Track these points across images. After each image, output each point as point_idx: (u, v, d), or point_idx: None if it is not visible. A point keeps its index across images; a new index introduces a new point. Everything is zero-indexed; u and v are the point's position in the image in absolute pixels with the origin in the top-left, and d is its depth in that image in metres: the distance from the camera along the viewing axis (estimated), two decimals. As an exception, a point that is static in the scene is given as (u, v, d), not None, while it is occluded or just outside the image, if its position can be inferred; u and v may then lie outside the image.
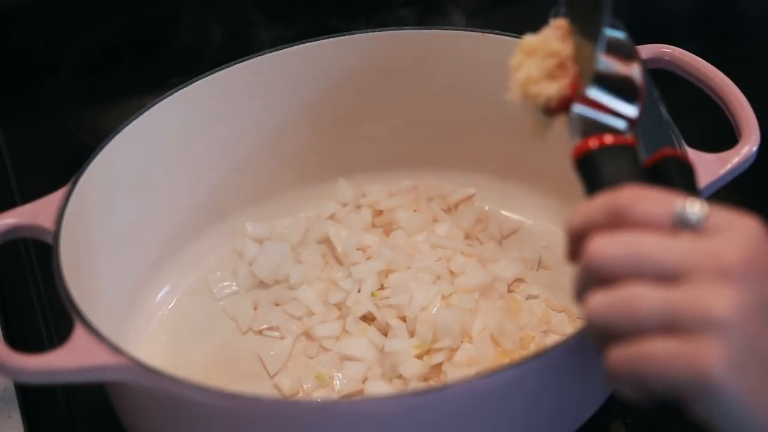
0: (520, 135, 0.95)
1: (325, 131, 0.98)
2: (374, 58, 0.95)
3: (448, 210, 0.97)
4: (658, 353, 0.57)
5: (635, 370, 0.58)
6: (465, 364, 0.84)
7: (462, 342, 0.86)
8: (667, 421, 0.70)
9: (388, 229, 0.95)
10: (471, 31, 0.94)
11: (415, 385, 0.83)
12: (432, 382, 0.84)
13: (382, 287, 0.90)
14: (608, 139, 0.66)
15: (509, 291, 0.90)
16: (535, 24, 0.74)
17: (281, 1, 1.16)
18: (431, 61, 0.95)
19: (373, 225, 0.96)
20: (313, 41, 0.94)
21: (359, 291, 0.90)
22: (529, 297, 0.90)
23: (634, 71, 0.69)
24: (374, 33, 0.95)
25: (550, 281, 0.91)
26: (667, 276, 0.58)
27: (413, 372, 0.84)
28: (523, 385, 0.73)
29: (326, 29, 0.95)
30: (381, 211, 0.96)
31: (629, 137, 0.67)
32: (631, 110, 0.68)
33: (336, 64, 0.95)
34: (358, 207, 0.97)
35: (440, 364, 0.84)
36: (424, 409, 0.71)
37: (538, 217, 0.96)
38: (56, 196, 0.82)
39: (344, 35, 0.95)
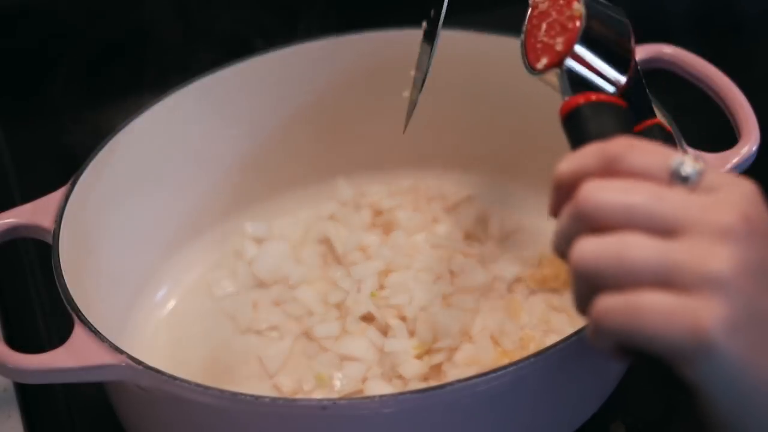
0: (520, 135, 0.96)
1: (325, 131, 0.98)
2: (374, 58, 0.95)
3: (448, 210, 0.97)
4: (654, 306, 0.54)
5: (626, 322, 0.55)
6: (465, 364, 0.84)
7: (462, 342, 0.86)
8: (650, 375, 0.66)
9: (388, 229, 0.95)
10: (471, 31, 0.94)
11: (415, 385, 0.83)
12: (432, 382, 0.84)
13: (382, 287, 0.90)
14: (599, 96, 0.65)
15: (509, 291, 0.90)
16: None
17: (282, 0, 1.16)
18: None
19: (373, 225, 0.96)
20: (313, 41, 0.94)
21: (359, 291, 0.90)
22: (529, 297, 0.90)
23: (625, 44, 0.68)
24: (374, 33, 0.95)
25: (551, 281, 0.91)
26: (663, 228, 0.56)
27: (413, 372, 0.84)
28: (523, 385, 0.73)
29: (326, 29, 0.95)
30: (381, 211, 0.96)
31: (620, 100, 0.66)
32: (620, 77, 0.67)
33: (336, 64, 0.95)
34: (358, 207, 0.97)
35: (440, 364, 0.84)
36: (424, 409, 0.71)
37: (538, 217, 0.96)
38: (56, 196, 0.82)
39: (344, 35, 0.95)
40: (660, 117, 0.74)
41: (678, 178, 0.57)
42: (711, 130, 0.88)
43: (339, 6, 1.11)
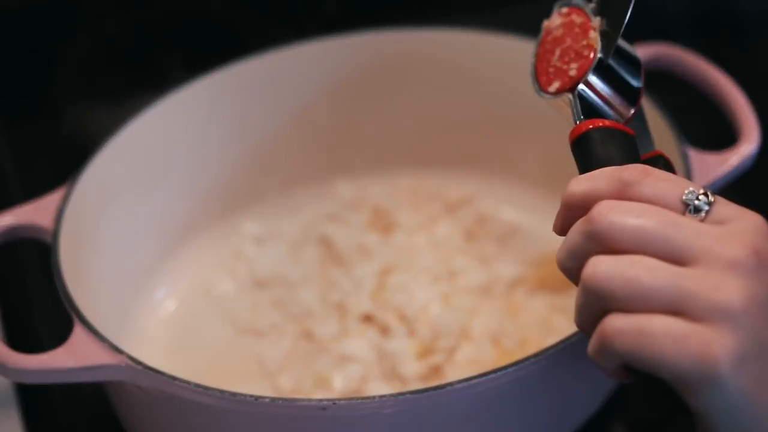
0: (521, 135, 0.96)
1: (325, 131, 0.98)
2: (374, 58, 0.95)
3: (448, 210, 0.97)
4: (665, 331, 0.55)
5: (636, 344, 0.55)
6: (465, 364, 0.84)
7: (462, 342, 0.86)
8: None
9: (388, 229, 0.95)
10: (471, 31, 0.94)
11: (415, 385, 0.83)
12: (432, 382, 0.83)
13: (382, 287, 0.90)
14: (609, 122, 0.66)
15: (509, 291, 0.90)
16: (535, 24, 0.74)
17: (282, 0, 1.16)
18: (431, 61, 0.95)
19: (373, 225, 0.96)
20: (313, 41, 0.94)
21: (359, 291, 0.90)
22: (529, 297, 0.90)
23: (636, 78, 0.69)
24: (374, 33, 0.95)
25: (551, 281, 0.91)
26: (675, 255, 0.56)
27: (413, 372, 0.84)
28: (523, 385, 0.73)
29: (326, 29, 0.95)
30: (381, 211, 0.96)
31: (628, 128, 0.67)
32: (628, 108, 0.68)
33: (336, 64, 0.95)
34: (358, 207, 0.97)
35: (440, 364, 0.84)
36: (424, 409, 0.71)
37: (538, 217, 0.96)
38: (56, 196, 0.82)
39: (344, 35, 0.95)
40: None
41: (690, 208, 0.58)
42: (711, 130, 0.88)
43: (339, 6, 1.11)
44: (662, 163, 0.67)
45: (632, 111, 0.68)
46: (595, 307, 0.58)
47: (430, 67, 0.95)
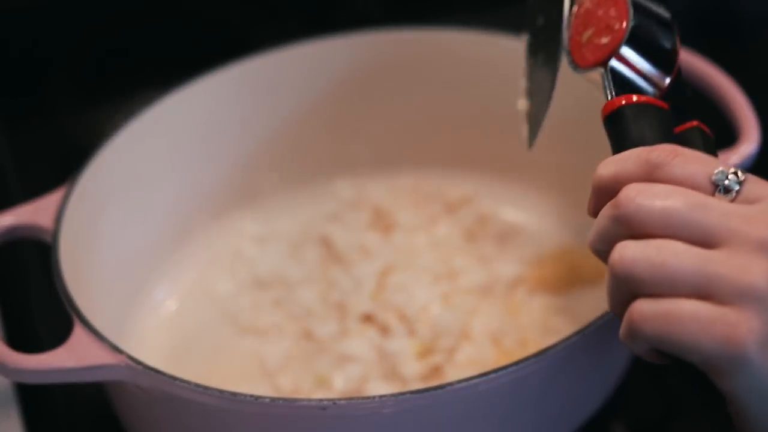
0: (521, 135, 0.96)
1: (325, 131, 0.98)
2: (374, 58, 0.95)
3: (448, 210, 0.97)
4: (692, 315, 0.55)
5: (663, 329, 0.55)
6: (465, 364, 0.84)
7: (462, 342, 0.86)
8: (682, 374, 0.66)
9: (388, 229, 0.95)
10: (471, 31, 0.94)
11: (415, 385, 0.83)
12: (432, 382, 0.83)
13: (382, 287, 0.90)
14: (641, 97, 0.65)
15: (509, 291, 0.90)
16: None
17: (282, 0, 1.16)
18: (431, 61, 0.95)
19: (373, 225, 0.96)
20: (313, 41, 0.94)
21: (359, 291, 0.90)
22: (529, 297, 0.90)
23: (671, 45, 0.68)
24: (374, 33, 0.95)
25: (550, 281, 0.91)
26: (703, 237, 0.56)
27: (413, 372, 0.84)
28: (523, 385, 0.73)
29: (326, 28, 0.95)
30: (381, 211, 0.96)
31: (662, 102, 0.66)
32: (664, 79, 0.67)
33: (336, 64, 0.95)
34: (358, 207, 0.97)
35: (440, 364, 0.84)
36: (424, 409, 0.71)
37: (538, 217, 0.96)
38: (56, 196, 0.82)
39: (344, 35, 0.95)
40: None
41: (720, 188, 0.58)
42: (711, 130, 0.88)
43: (339, 5, 1.11)
44: (698, 134, 0.66)
45: (668, 80, 0.67)
46: (624, 291, 0.57)
47: (430, 67, 0.95)
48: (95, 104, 1.11)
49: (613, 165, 0.60)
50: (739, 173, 0.58)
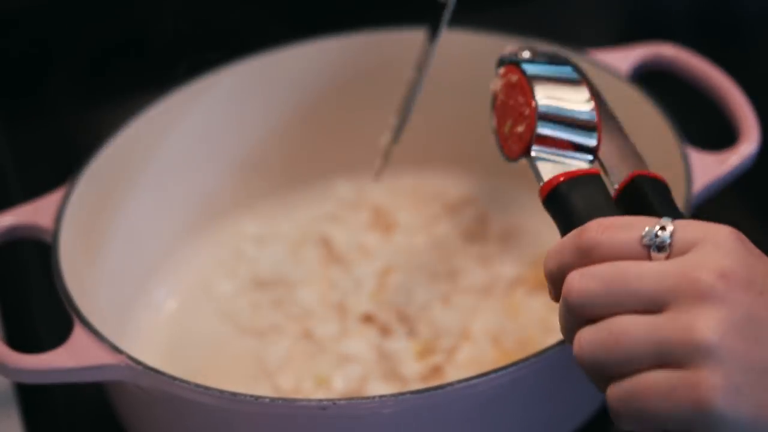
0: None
1: (325, 131, 0.98)
2: (374, 58, 0.95)
3: (448, 210, 0.97)
4: (653, 387, 0.55)
5: (635, 406, 0.55)
6: (465, 364, 0.84)
7: (462, 342, 0.86)
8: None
9: (388, 229, 0.95)
10: (471, 31, 0.94)
11: (415, 385, 0.83)
12: (432, 382, 0.83)
13: (382, 287, 0.90)
14: (568, 173, 0.65)
15: (509, 291, 0.90)
16: (535, 24, 0.74)
17: (282, 0, 1.16)
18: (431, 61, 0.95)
19: (373, 225, 0.96)
20: (313, 41, 0.94)
21: (359, 291, 0.90)
22: (529, 297, 0.90)
23: (584, 103, 0.68)
24: (374, 33, 0.95)
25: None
26: (648, 304, 0.56)
27: (413, 372, 0.84)
28: (523, 385, 0.73)
29: (325, 29, 0.95)
30: (381, 211, 0.96)
31: (592, 168, 0.65)
32: (590, 138, 0.67)
33: (335, 64, 0.95)
34: (358, 207, 0.97)
35: (440, 364, 0.84)
36: (424, 409, 0.71)
37: (537, 217, 0.96)
38: (56, 196, 0.82)
39: (344, 35, 0.95)
40: (643, 163, 0.70)
41: (653, 248, 0.57)
42: (711, 130, 0.88)
43: (339, 5, 1.11)
44: (643, 183, 0.65)
45: (595, 137, 0.67)
46: (597, 378, 0.58)
47: (429, 67, 0.95)
48: (95, 104, 1.11)
49: (553, 258, 0.60)
50: (668, 226, 0.57)
